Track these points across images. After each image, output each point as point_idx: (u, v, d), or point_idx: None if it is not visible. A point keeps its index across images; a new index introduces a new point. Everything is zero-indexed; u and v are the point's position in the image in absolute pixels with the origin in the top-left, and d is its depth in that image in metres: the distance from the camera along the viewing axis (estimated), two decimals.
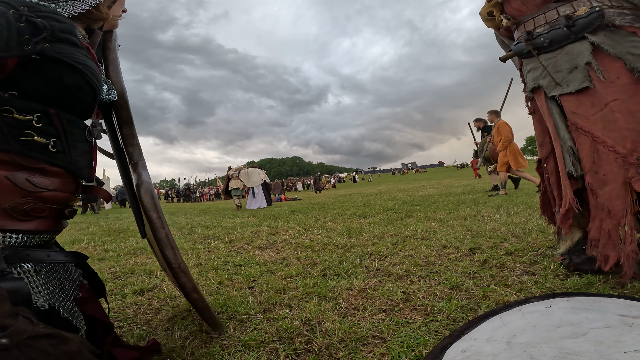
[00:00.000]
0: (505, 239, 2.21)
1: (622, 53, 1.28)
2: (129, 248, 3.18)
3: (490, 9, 1.66)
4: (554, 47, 1.44)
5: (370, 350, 0.97)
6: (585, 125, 1.35)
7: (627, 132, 1.24)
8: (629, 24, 1.30)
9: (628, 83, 1.27)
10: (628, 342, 0.65)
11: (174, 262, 0.79)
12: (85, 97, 0.81)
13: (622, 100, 1.27)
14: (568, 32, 1.39)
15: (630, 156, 1.22)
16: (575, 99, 1.39)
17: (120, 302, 1.63)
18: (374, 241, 2.58)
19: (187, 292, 0.82)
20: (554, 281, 1.36)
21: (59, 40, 0.75)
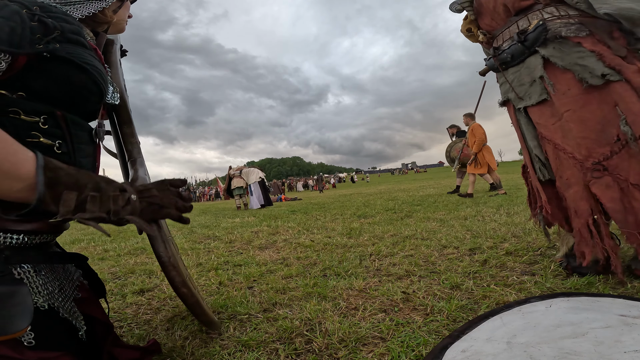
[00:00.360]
0: (505, 239, 2.21)
1: (571, 64, 1.32)
2: (129, 248, 3.18)
3: (468, 26, 1.75)
4: (516, 62, 1.52)
5: (370, 350, 0.97)
6: (547, 135, 1.43)
7: (581, 140, 1.31)
8: (573, 34, 1.33)
9: (578, 94, 1.32)
10: (628, 342, 0.65)
11: (164, 255, 0.79)
12: (92, 98, 0.82)
13: (574, 110, 1.33)
14: (523, 47, 1.45)
15: (586, 161, 1.29)
16: (538, 110, 1.46)
17: (120, 302, 1.63)
18: (374, 241, 2.58)
19: (176, 287, 0.82)
20: (554, 281, 1.36)
21: (69, 40, 0.76)
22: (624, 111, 1.23)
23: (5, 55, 0.64)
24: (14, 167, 0.56)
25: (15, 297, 0.60)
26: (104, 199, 0.66)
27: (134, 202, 0.71)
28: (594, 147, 1.28)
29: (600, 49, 1.28)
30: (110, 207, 0.67)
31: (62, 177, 0.62)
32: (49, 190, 0.59)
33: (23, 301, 0.61)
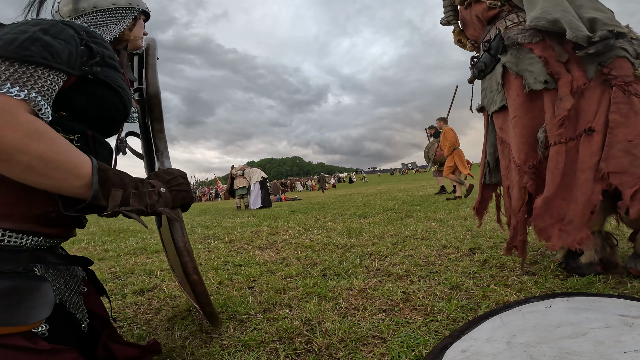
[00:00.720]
0: (505, 239, 2.21)
1: (522, 70, 1.37)
2: (129, 248, 3.18)
3: (458, 37, 1.82)
4: (489, 70, 1.59)
5: (370, 350, 0.97)
6: (507, 139, 1.51)
7: (522, 145, 1.39)
8: (527, 40, 1.38)
9: (525, 100, 1.38)
10: (628, 342, 0.65)
11: (180, 240, 0.84)
12: (120, 118, 0.91)
13: (519, 117, 1.40)
14: (489, 56, 1.53)
15: (524, 165, 1.38)
16: (502, 116, 1.55)
17: (120, 302, 1.63)
18: (374, 241, 2.58)
19: (187, 273, 0.86)
20: (554, 281, 1.36)
21: (107, 65, 0.84)
22: (546, 120, 1.31)
23: (63, 74, 0.73)
24: (76, 167, 0.66)
25: (38, 291, 0.69)
26: (142, 195, 0.76)
27: (164, 194, 0.81)
28: (530, 152, 1.37)
29: (547, 55, 1.32)
30: (147, 202, 0.76)
31: (111, 177, 0.72)
32: (102, 187, 0.69)
33: (45, 295, 0.70)
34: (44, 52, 0.68)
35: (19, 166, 0.61)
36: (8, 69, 0.65)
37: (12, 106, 0.62)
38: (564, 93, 1.26)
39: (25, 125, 0.61)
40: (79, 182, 0.67)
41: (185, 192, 0.86)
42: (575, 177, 1.26)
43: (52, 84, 0.70)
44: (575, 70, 1.27)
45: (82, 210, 0.70)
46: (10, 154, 0.59)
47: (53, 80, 0.70)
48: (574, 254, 1.43)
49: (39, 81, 0.67)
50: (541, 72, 1.31)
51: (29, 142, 0.61)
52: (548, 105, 1.31)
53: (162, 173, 0.86)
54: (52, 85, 0.70)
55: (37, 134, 0.62)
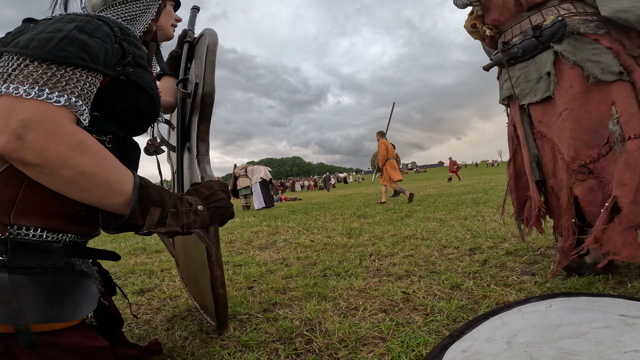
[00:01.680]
0: (505, 239, 2.21)
1: (583, 60, 1.31)
2: (129, 248, 3.18)
3: (473, 21, 1.72)
4: (526, 57, 1.49)
5: (370, 350, 0.97)
6: (548, 133, 1.42)
7: (572, 140, 1.29)
8: (592, 31, 1.31)
9: (579, 92, 1.30)
10: (628, 342, 0.65)
11: (215, 255, 0.84)
12: (149, 119, 0.88)
13: (572, 109, 1.31)
14: (536, 43, 1.42)
15: (573, 163, 1.28)
16: (542, 108, 1.44)
17: (120, 302, 1.63)
18: (374, 241, 2.58)
19: (215, 286, 0.86)
20: (554, 281, 1.36)
21: (138, 65, 0.81)
22: (621, 110, 1.21)
23: (100, 75, 0.70)
24: (118, 183, 0.65)
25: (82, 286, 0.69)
26: (179, 214, 0.74)
27: (201, 212, 0.78)
28: (583, 149, 1.27)
29: (616, 47, 1.26)
30: (184, 222, 0.74)
31: (152, 195, 0.70)
32: (140, 205, 0.67)
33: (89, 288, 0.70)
34: (81, 53, 0.65)
35: (61, 180, 0.59)
36: (45, 73, 0.61)
37: (55, 115, 0.59)
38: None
39: (69, 137, 0.59)
40: (119, 199, 0.65)
41: (225, 207, 0.84)
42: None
43: (90, 86, 0.68)
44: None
45: (119, 229, 0.69)
46: (53, 168, 0.57)
47: (91, 82, 0.68)
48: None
49: (78, 84, 0.64)
50: (613, 63, 1.24)
51: (73, 155, 0.59)
52: (621, 95, 1.22)
53: (201, 188, 0.84)
54: (90, 88, 0.68)
55: (80, 147, 0.60)
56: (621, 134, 1.18)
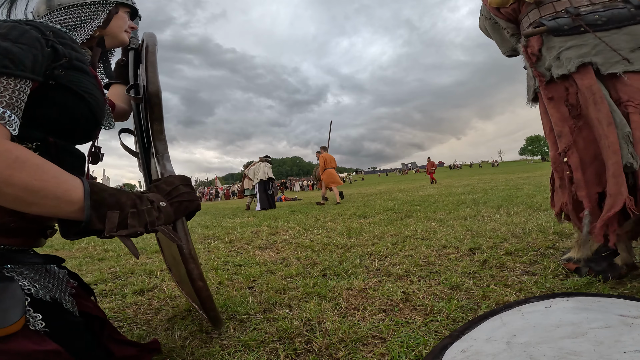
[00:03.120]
0: (505, 239, 2.21)
1: None
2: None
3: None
4: (608, 27, 1.34)
5: (370, 350, 0.97)
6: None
7: None
8: None
9: None
10: (628, 342, 0.65)
11: (186, 248, 0.82)
12: (87, 126, 0.84)
13: None
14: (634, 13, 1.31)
15: None
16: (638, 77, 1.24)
17: (120, 302, 1.63)
18: (374, 241, 2.58)
19: (193, 279, 0.85)
20: (554, 281, 1.36)
21: (74, 68, 0.78)
22: None
23: (29, 82, 0.68)
24: (67, 193, 0.64)
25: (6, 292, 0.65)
26: (141, 213, 0.72)
27: (165, 208, 0.77)
28: None
29: None
30: (147, 220, 0.72)
31: (106, 199, 0.69)
32: (95, 211, 0.66)
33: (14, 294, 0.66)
34: (4, 60, 0.63)
35: (5, 198, 0.58)
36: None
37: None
38: None
39: (3, 155, 0.57)
40: (72, 208, 0.64)
41: (189, 201, 0.83)
42: None
43: (20, 94, 0.65)
44: None
45: (80, 234, 0.68)
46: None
47: (20, 89, 0.65)
48: (598, 258, 1.34)
49: (5, 93, 0.62)
50: None
51: (12, 173, 0.57)
52: None
53: (162, 184, 0.82)
54: (20, 96, 0.65)
55: (18, 163, 0.58)
56: None
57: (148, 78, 1.04)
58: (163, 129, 1.04)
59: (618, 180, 1.19)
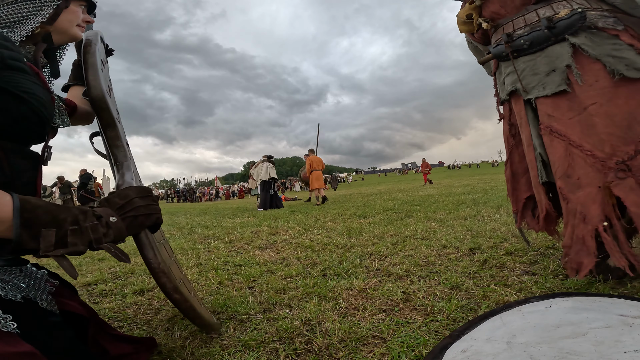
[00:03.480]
0: (505, 239, 2.21)
1: (602, 55, 1.28)
2: (129, 248, 3.18)
3: (470, 11, 1.65)
4: (533, 50, 1.44)
5: (370, 350, 0.97)
6: (561, 129, 1.33)
7: (606, 136, 1.23)
8: (611, 26, 1.29)
9: (607, 86, 1.27)
10: (628, 342, 0.65)
11: (153, 262, 0.78)
12: (32, 127, 0.79)
13: (601, 104, 1.26)
14: (549, 34, 1.38)
15: (610, 160, 1.21)
16: (552, 102, 1.38)
17: (120, 302, 1.63)
18: (374, 241, 2.58)
19: (167, 293, 0.81)
20: (554, 281, 1.36)
21: (9, 68, 0.73)
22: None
23: None
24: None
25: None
26: (83, 230, 0.67)
27: (115, 224, 0.71)
28: (619, 145, 1.20)
29: (636, 44, 1.25)
30: (91, 237, 0.68)
31: (40, 216, 0.64)
32: (26, 230, 0.61)
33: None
34: None
35: None
36: None
37: None
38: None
39: None
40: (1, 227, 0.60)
41: (145, 215, 0.76)
42: None
43: None
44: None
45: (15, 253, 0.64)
46: None
47: None
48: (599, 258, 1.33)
49: None
50: (637, 59, 1.22)
51: None
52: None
53: (114, 197, 0.77)
54: None
55: None
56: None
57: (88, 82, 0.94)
58: (119, 135, 0.95)
59: (538, 190, 1.45)
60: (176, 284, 0.83)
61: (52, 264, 2.63)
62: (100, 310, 1.52)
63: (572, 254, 1.26)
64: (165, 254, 0.97)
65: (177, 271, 1.06)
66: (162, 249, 0.93)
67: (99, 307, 1.57)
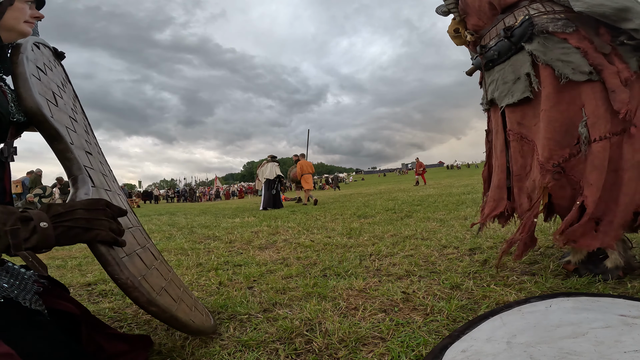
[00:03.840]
0: (506, 239, 2.20)
1: (552, 60, 1.30)
2: None
3: (456, 26, 1.72)
4: (502, 59, 1.50)
5: (370, 350, 0.97)
6: (529, 135, 1.42)
7: (546, 140, 1.30)
8: (560, 29, 1.31)
9: (551, 92, 1.31)
10: (628, 342, 0.65)
11: (121, 277, 0.74)
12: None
13: (545, 109, 1.32)
14: (509, 43, 1.43)
15: (547, 163, 1.29)
16: (521, 109, 1.44)
17: (120, 302, 1.63)
18: (374, 241, 2.58)
19: (143, 307, 0.77)
20: (554, 281, 1.36)
21: None
22: (588, 112, 1.24)
23: None
24: None
25: None
26: (1, 235, 0.62)
27: (43, 230, 0.66)
28: (556, 149, 1.29)
29: (585, 46, 1.26)
30: (9, 242, 0.63)
31: None
32: None
33: None
34: None
35: None
36: None
37: None
38: (616, 85, 1.20)
39: None
40: None
41: (82, 228, 0.71)
42: (617, 175, 1.21)
43: None
44: (618, 63, 1.23)
45: None
46: None
47: None
48: (594, 259, 1.37)
49: None
50: (582, 62, 1.24)
51: None
52: (589, 97, 1.24)
53: (57, 205, 0.73)
54: None
55: None
56: (587, 136, 1.23)
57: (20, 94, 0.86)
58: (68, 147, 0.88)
59: (502, 191, 1.58)
60: (151, 296, 0.78)
61: (51, 264, 2.63)
62: (101, 310, 1.52)
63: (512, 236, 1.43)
64: (141, 264, 0.92)
65: (160, 278, 1.01)
66: (135, 259, 0.89)
67: (99, 307, 1.57)
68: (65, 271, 2.37)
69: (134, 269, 0.81)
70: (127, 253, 0.85)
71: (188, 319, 0.92)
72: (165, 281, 1.04)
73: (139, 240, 1.07)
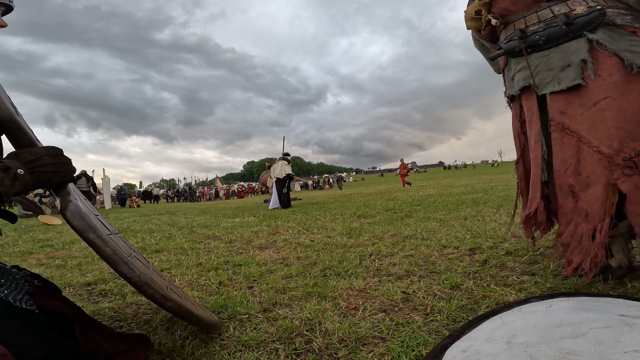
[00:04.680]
0: (505, 239, 2.21)
1: (620, 50, 1.28)
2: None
3: (479, 7, 1.63)
4: (548, 45, 1.43)
5: (370, 350, 0.97)
6: (572, 126, 1.32)
7: (615, 130, 1.21)
8: (629, 23, 1.30)
9: (620, 80, 1.25)
10: (628, 342, 0.65)
11: (133, 276, 0.75)
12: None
13: (613, 97, 1.25)
14: (566, 30, 1.37)
15: (617, 157, 1.19)
16: (565, 98, 1.37)
17: (120, 302, 1.63)
18: (374, 241, 2.58)
19: (159, 303, 0.79)
20: (554, 281, 1.36)
21: None
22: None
23: None
24: None
25: None
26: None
27: (22, 176, 0.71)
28: (627, 141, 1.18)
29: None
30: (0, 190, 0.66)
31: None
32: None
33: None
34: None
35: None
36: None
37: None
38: None
39: None
40: None
41: (52, 172, 0.77)
42: None
43: None
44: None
45: None
46: None
47: None
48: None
49: None
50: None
51: None
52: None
53: (23, 152, 0.76)
54: None
55: None
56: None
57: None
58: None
59: (535, 187, 1.44)
60: (164, 292, 0.80)
61: (51, 264, 2.63)
62: (100, 310, 1.52)
63: (568, 252, 1.25)
64: (141, 265, 0.94)
65: (161, 279, 1.03)
66: (135, 261, 0.90)
67: (99, 307, 1.57)
68: (65, 271, 2.37)
69: (142, 268, 0.82)
70: (128, 255, 0.86)
71: (201, 312, 0.93)
72: (166, 282, 1.05)
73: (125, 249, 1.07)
